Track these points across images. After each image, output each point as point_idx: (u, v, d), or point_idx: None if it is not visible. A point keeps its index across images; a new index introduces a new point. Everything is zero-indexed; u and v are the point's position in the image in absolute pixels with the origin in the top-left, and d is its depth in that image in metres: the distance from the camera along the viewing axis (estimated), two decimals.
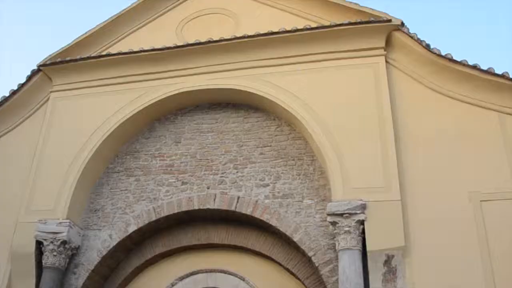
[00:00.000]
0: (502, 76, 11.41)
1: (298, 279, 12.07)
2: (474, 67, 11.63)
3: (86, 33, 14.72)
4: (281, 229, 11.82)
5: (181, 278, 12.98)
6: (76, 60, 14.18)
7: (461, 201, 10.67)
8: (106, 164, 13.73)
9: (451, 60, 11.80)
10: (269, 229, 12.22)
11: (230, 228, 12.76)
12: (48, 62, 14.33)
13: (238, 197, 12.35)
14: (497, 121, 11.32)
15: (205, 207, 12.50)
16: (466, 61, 11.72)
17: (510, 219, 10.34)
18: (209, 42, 13.30)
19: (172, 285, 12.96)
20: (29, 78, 14.48)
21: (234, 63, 13.19)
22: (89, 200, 13.42)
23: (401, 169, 11.12)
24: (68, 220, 12.54)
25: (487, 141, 11.16)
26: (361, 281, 10.39)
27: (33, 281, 12.26)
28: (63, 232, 12.41)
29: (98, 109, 13.62)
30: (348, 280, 10.35)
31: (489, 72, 11.53)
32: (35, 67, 14.42)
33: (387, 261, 10.44)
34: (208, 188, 12.73)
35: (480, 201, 10.59)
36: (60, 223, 12.51)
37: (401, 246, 10.41)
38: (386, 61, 12.32)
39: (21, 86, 14.46)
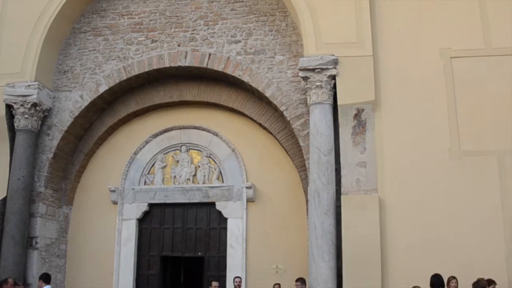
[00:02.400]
0: None
1: (270, 133, 12.47)
2: None
3: None
4: (253, 85, 11.95)
5: (155, 135, 13.26)
6: None
7: (432, 57, 10.83)
8: (72, 24, 13.25)
9: None
10: (241, 86, 12.35)
11: (202, 85, 12.83)
12: None
13: (210, 54, 12.27)
14: None
15: (176, 65, 12.42)
16: None
17: (478, 76, 10.61)
18: None
19: (147, 142, 13.25)
20: None
21: None
22: (57, 61, 13.13)
23: (374, 25, 11.08)
24: (36, 83, 12.35)
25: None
26: (331, 133, 10.78)
27: (7, 144, 12.34)
28: (33, 94, 12.29)
29: None
30: (319, 132, 10.72)
31: None
32: None
33: (357, 115, 10.78)
34: (178, 45, 12.54)
35: (451, 57, 10.76)
36: (28, 85, 12.34)
37: (371, 100, 10.70)
38: None
39: None
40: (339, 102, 10.84)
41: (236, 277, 11.11)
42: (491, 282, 9.20)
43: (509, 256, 9.77)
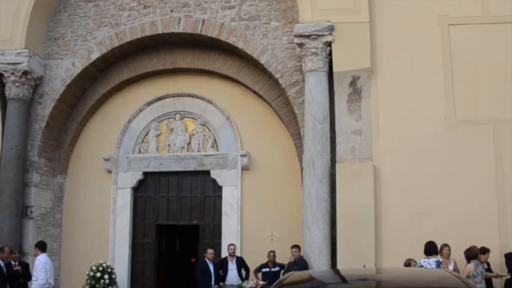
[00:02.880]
0: None
1: (265, 101, 12.35)
2: None
3: None
4: (247, 51, 11.77)
5: (149, 103, 13.11)
6: None
7: (429, 24, 10.61)
8: None
9: None
10: (236, 52, 12.16)
11: (196, 52, 12.63)
12: None
13: (203, 20, 12.03)
14: None
15: (169, 31, 12.21)
16: None
17: (475, 44, 10.43)
18: None
19: (140, 110, 13.12)
20: None
21: None
22: (47, 28, 12.86)
23: None
24: (27, 50, 12.13)
25: None
26: (326, 101, 10.69)
27: None
28: (23, 62, 12.08)
29: None
30: (314, 100, 10.63)
31: None
32: None
33: (353, 82, 10.65)
34: (171, 11, 12.28)
35: (448, 25, 10.55)
36: (19, 53, 12.12)
37: (367, 67, 10.54)
38: None
39: None
40: (334, 69, 10.71)
41: (231, 244, 11.17)
42: (485, 250, 9.28)
43: (501, 225, 9.82)
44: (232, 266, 10.90)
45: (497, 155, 10.03)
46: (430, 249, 8.89)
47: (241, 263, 11.01)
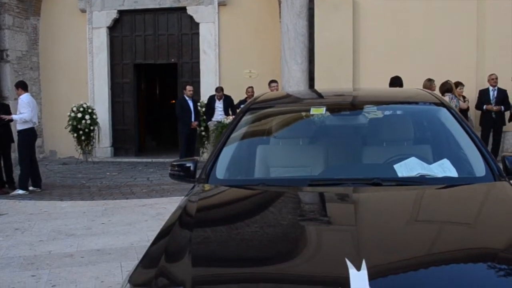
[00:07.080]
0: None
1: None
2: None
3: None
4: None
5: None
6: None
7: None
8: None
9: None
10: None
11: None
12: None
13: None
14: None
15: None
16: None
17: None
18: None
19: None
20: None
21: None
22: None
23: None
24: None
25: None
26: None
27: None
28: None
29: None
30: None
31: None
32: None
33: None
34: None
35: None
36: None
37: None
38: None
39: None
40: None
41: (218, 88, 11.07)
42: (458, 83, 9.47)
43: (479, 62, 9.95)
44: (219, 104, 10.93)
45: None
46: (397, 82, 8.77)
47: (229, 103, 11.01)
